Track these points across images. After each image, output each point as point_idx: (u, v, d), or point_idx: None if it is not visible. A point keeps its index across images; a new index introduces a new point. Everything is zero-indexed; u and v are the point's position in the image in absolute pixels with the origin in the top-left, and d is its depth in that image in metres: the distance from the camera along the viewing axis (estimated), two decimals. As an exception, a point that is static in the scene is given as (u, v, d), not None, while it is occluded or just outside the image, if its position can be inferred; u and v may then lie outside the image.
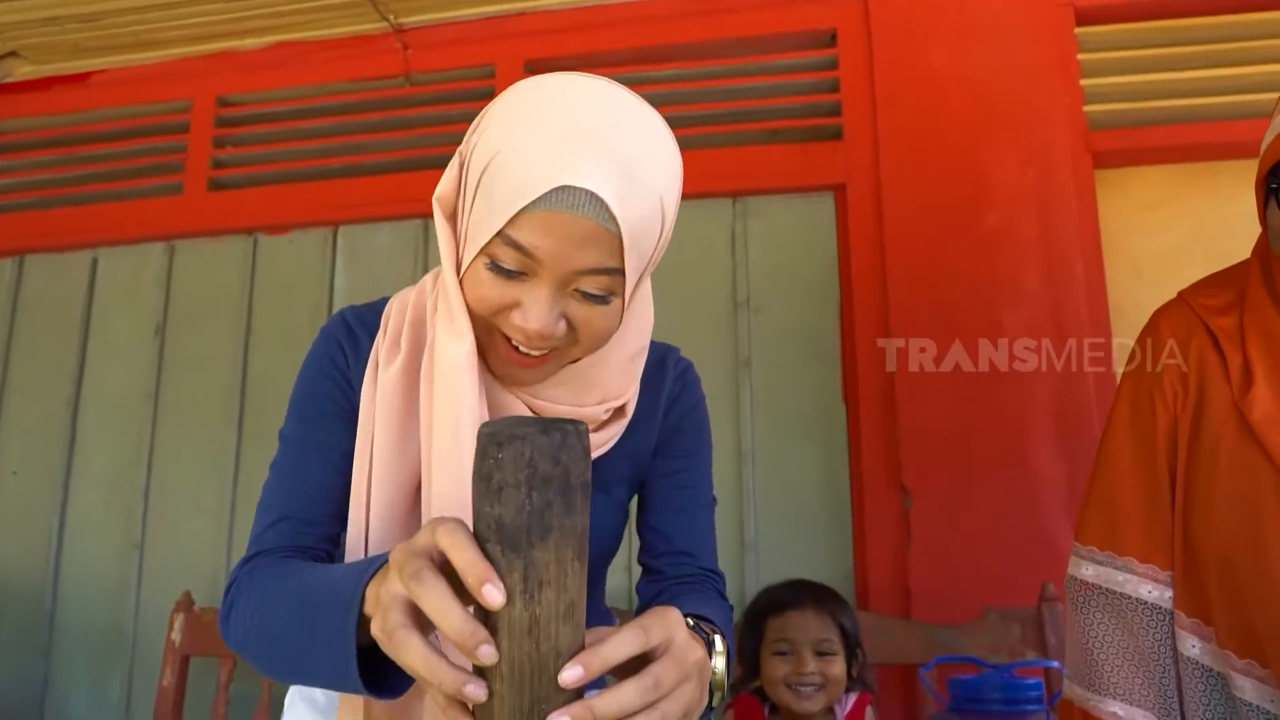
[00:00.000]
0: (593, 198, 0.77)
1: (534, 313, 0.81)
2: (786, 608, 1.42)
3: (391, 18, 2.45)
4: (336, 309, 2.40)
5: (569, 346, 0.86)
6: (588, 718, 0.58)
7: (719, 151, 2.27)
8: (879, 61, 2.24)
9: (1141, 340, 1.18)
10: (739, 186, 2.28)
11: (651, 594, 1.01)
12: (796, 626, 1.40)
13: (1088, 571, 1.12)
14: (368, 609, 0.67)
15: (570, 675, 0.58)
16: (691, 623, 0.77)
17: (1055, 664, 1.51)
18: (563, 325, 0.82)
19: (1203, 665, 1.04)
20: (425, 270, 2.42)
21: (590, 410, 0.91)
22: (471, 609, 0.59)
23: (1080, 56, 2.19)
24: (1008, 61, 2.19)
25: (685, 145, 0.92)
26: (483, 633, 0.57)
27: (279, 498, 0.91)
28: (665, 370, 1.04)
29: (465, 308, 0.85)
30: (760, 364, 2.20)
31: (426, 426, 0.87)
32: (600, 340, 0.87)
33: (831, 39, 2.31)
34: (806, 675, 1.36)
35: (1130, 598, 1.08)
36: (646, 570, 1.04)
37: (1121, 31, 2.21)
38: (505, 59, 2.45)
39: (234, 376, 2.45)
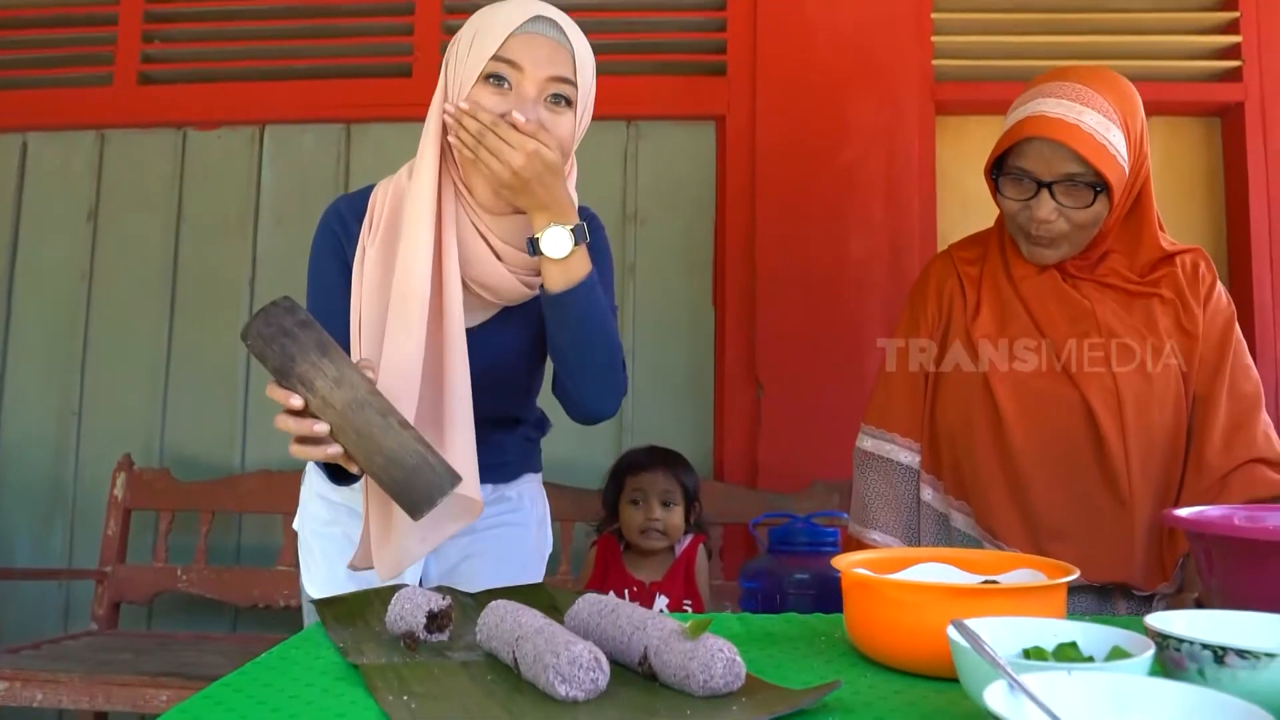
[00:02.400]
0: (555, 24, 1.15)
1: (525, 108, 1.12)
2: (641, 468, 1.79)
3: (318, -71, 2.61)
4: (264, 204, 2.67)
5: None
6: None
7: (616, 79, 2.52)
8: (762, 6, 2.53)
9: (919, 280, 1.54)
10: (632, 112, 2.57)
11: None
12: (648, 482, 1.77)
13: (867, 443, 1.51)
14: None
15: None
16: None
17: (844, 515, 1.93)
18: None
19: (933, 507, 1.45)
20: (348, 171, 2.66)
21: (534, 259, 1.18)
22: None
23: (933, 15, 2.52)
24: (871, 14, 2.51)
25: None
26: (307, 423, 0.96)
27: None
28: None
29: (436, 145, 1.16)
30: (643, 271, 2.54)
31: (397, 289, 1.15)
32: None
33: (722, -19, 2.58)
34: (652, 521, 1.74)
35: (893, 461, 1.48)
36: None
37: (971, -6, 2.54)
38: (426, -24, 2.64)
39: (166, 260, 2.67)
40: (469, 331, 1.19)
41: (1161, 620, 0.68)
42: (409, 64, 2.63)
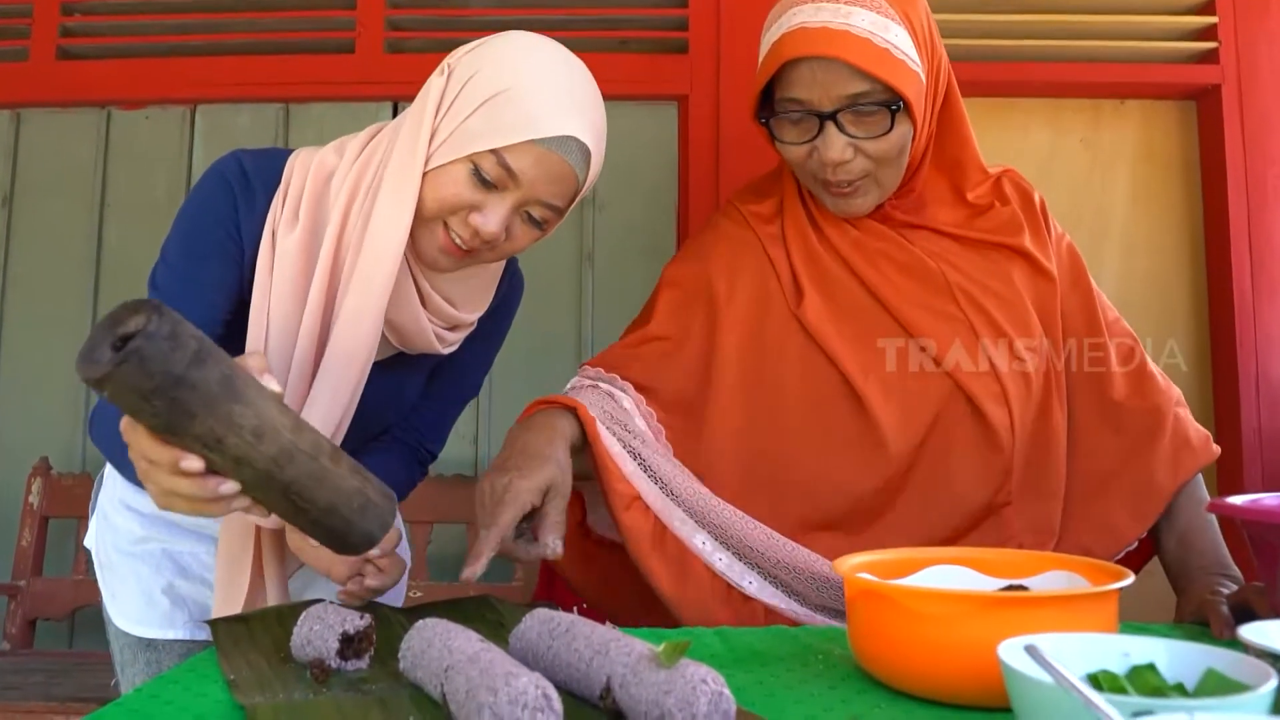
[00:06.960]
0: (582, 150, 0.97)
1: (494, 218, 0.96)
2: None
3: (252, -105, 2.44)
4: (194, 187, 2.47)
5: (490, 252, 1.01)
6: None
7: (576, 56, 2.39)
8: (725, -19, 2.40)
9: (701, 244, 1.25)
10: (591, 91, 2.42)
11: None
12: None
13: (586, 380, 1.24)
14: None
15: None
16: None
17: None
18: (503, 234, 0.99)
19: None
20: (285, 154, 2.48)
21: (466, 316, 1.10)
22: None
23: (904, -10, 2.41)
24: (840, -10, 2.39)
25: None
26: (210, 484, 0.71)
27: None
28: (503, 276, 1.18)
29: (415, 192, 0.96)
30: (602, 257, 2.40)
31: (316, 298, 0.98)
32: (516, 253, 1.05)
33: (684, -45, 2.45)
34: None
35: (613, 396, 1.20)
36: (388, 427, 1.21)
37: (942, -30, 2.44)
38: (369, -51, 2.48)
39: (88, 249, 2.47)
40: None
41: (1258, 633, 0.55)
42: (351, 40, 2.46)
